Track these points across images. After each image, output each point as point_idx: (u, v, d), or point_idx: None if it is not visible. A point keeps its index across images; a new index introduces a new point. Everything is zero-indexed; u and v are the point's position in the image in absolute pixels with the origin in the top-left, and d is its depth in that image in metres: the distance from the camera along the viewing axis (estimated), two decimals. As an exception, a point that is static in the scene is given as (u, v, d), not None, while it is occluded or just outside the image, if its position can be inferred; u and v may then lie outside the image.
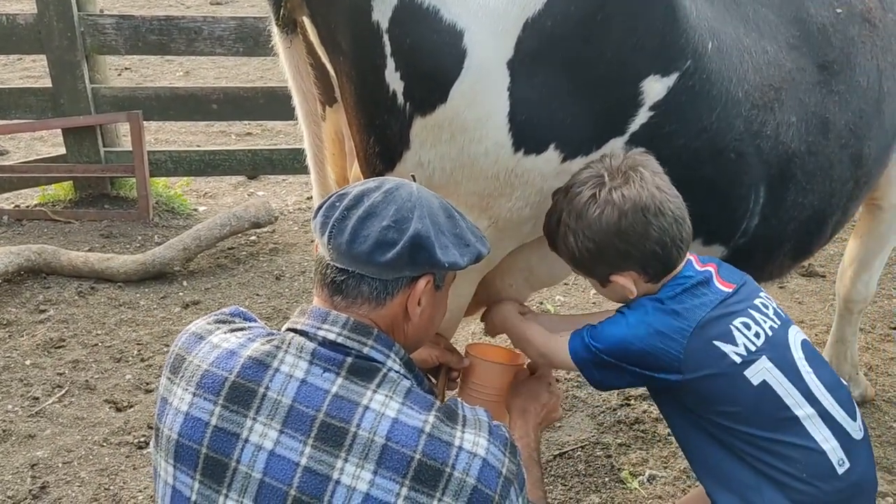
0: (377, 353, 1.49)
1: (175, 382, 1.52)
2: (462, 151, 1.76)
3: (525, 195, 1.87)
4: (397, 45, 1.64)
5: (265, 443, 1.42)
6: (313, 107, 1.97)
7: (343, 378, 1.45)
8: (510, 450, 1.48)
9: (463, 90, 1.68)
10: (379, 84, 1.68)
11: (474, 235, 1.59)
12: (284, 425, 1.43)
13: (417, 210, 1.50)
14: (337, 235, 1.49)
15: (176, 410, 1.49)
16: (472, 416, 1.50)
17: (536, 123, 1.77)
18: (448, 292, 1.67)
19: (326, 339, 1.48)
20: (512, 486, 1.45)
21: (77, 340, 3.84)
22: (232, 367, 1.47)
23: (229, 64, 8.45)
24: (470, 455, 1.41)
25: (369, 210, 1.49)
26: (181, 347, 1.56)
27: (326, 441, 1.41)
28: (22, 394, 3.45)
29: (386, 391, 1.45)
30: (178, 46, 4.94)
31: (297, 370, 1.46)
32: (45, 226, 4.95)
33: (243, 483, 1.42)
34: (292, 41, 1.83)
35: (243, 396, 1.45)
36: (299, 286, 4.38)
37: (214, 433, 1.44)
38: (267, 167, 5.34)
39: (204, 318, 1.63)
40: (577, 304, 4.23)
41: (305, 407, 1.43)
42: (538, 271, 2.25)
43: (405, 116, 1.71)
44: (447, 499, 1.39)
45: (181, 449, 1.46)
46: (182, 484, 1.46)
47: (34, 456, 3.09)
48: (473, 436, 1.44)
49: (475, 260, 1.57)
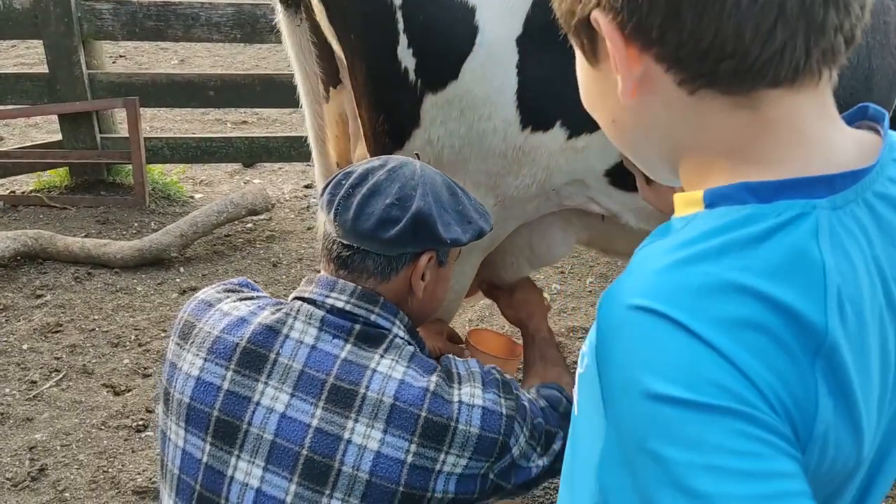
0: (383, 320, 1.53)
1: (185, 348, 1.55)
2: (471, 128, 1.76)
3: (532, 172, 1.88)
4: (410, 22, 1.64)
5: (276, 405, 1.46)
6: (316, 87, 1.97)
7: (351, 344, 1.50)
8: (504, 389, 1.55)
9: (474, 67, 1.68)
10: (391, 61, 1.68)
11: (477, 212, 1.63)
12: (296, 389, 1.46)
13: (420, 188, 1.53)
14: (342, 212, 1.53)
15: (187, 375, 1.51)
16: (465, 370, 1.56)
17: (544, 101, 1.77)
18: (451, 268, 1.71)
19: (335, 307, 1.52)
20: (514, 420, 1.51)
21: (74, 325, 3.83)
22: (243, 334, 1.51)
23: (225, 52, 8.43)
24: (469, 407, 1.47)
25: (373, 188, 1.52)
26: (190, 314, 1.59)
27: (337, 403, 1.45)
28: (19, 378, 3.44)
29: (392, 356, 1.50)
30: (174, 32, 4.92)
31: (307, 336, 1.50)
32: (41, 212, 4.93)
33: (255, 444, 1.46)
34: (298, 19, 1.82)
35: (255, 361, 1.48)
36: (296, 273, 4.37)
37: (227, 397, 1.48)
38: (263, 155, 5.33)
39: (212, 286, 1.66)
40: (573, 293, 4.25)
41: (316, 371, 1.47)
42: (539, 249, 2.27)
43: (416, 93, 1.71)
44: (454, 450, 1.45)
45: (193, 412, 1.49)
46: (193, 446, 1.49)
47: (32, 439, 3.09)
48: (470, 388, 1.50)
49: (477, 236, 1.60)
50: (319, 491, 1.43)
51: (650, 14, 0.75)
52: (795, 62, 0.75)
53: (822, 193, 0.77)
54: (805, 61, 0.75)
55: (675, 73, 0.78)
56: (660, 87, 0.80)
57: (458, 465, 1.45)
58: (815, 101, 0.80)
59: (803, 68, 0.76)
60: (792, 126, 0.79)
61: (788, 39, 0.73)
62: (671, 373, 0.70)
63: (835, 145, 0.80)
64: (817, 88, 0.79)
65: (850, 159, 0.80)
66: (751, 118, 0.79)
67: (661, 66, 0.78)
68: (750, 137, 0.79)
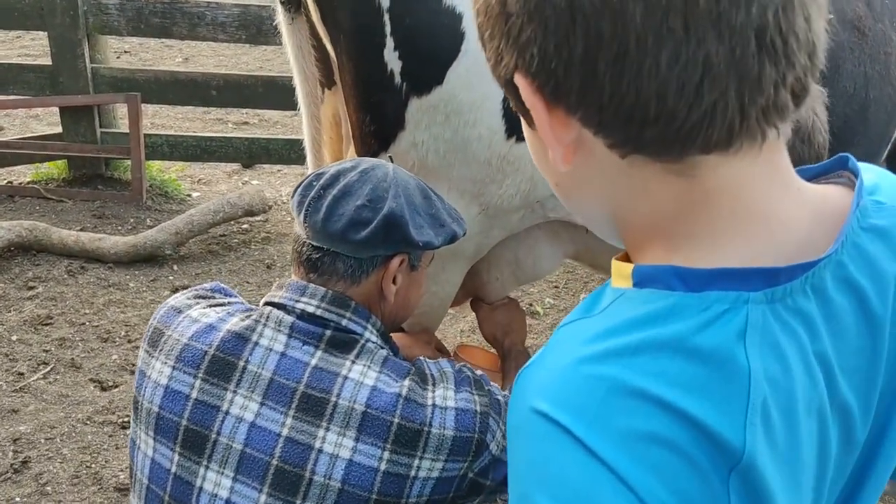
0: (355, 324, 1.51)
1: (153, 356, 1.53)
2: (456, 134, 1.76)
3: (516, 182, 1.88)
4: (397, 24, 1.64)
5: (246, 414, 1.44)
6: (313, 88, 1.98)
7: (322, 350, 1.47)
8: (476, 386, 1.52)
9: (459, 72, 1.68)
10: (377, 62, 1.68)
11: (451, 216, 1.60)
12: (265, 398, 1.44)
13: (392, 189, 1.51)
14: (312, 214, 1.51)
15: (155, 384, 1.49)
16: (437, 371, 1.53)
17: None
18: (424, 273, 1.68)
19: (305, 312, 1.49)
20: (489, 416, 1.48)
21: (64, 318, 3.83)
22: (211, 342, 1.48)
23: (229, 52, 8.46)
24: (442, 410, 1.45)
25: (344, 189, 1.50)
26: (159, 321, 1.57)
27: (307, 411, 1.42)
28: (7, 368, 3.44)
29: (364, 361, 1.47)
30: (180, 30, 4.94)
31: (277, 343, 1.47)
32: (38, 203, 4.94)
33: (224, 454, 1.43)
34: (294, 19, 1.83)
35: (223, 370, 1.46)
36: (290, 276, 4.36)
37: (195, 406, 1.45)
38: (263, 156, 5.34)
39: (183, 293, 1.64)
40: (566, 307, 4.24)
41: (286, 380, 1.44)
42: (525, 264, 2.26)
43: (402, 96, 1.71)
44: (429, 454, 1.42)
45: (161, 421, 1.47)
46: (161, 456, 1.47)
47: (17, 430, 3.09)
48: (443, 390, 1.48)
49: (450, 240, 1.58)
50: (290, 501, 1.40)
51: (567, 77, 0.68)
52: (729, 124, 0.66)
53: (758, 285, 0.70)
54: (741, 122, 0.67)
55: (604, 137, 0.71)
56: (593, 150, 0.73)
57: (434, 469, 1.43)
58: (761, 166, 0.71)
59: (739, 130, 0.67)
60: (732, 196, 0.71)
61: (718, 99, 0.65)
62: (564, 496, 0.66)
63: (784, 219, 0.73)
64: (762, 151, 0.70)
65: (801, 236, 0.73)
66: (687, 187, 0.71)
67: (588, 129, 0.71)
68: (686, 208, 0.72)
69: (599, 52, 0.66)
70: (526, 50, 0.69)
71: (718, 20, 0.63)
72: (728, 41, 0.64)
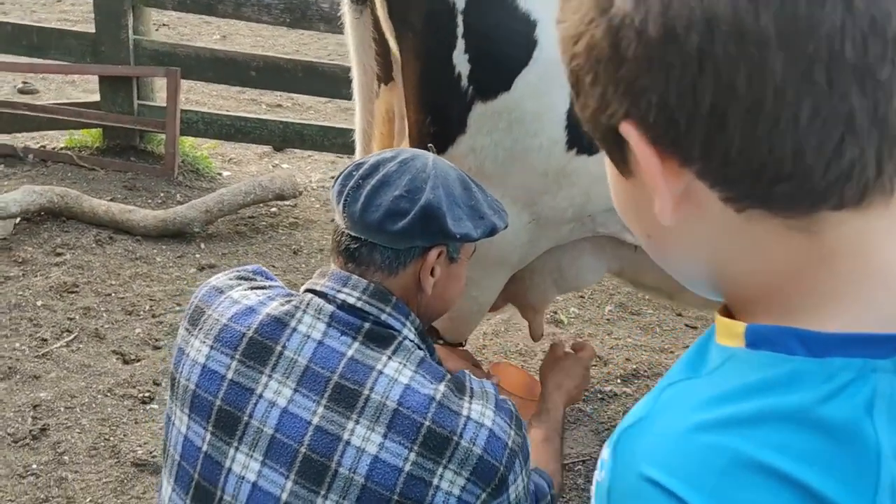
0: (394, 320, 1.50)
1: (193, 334, 1.53)
2: (517, 142, 1.74)
3: (570, 195, 1.86)
4: (470, 27, 1.63)
5: (279, 400, 1.44)
6: (371, 83, 1.97)
7: (359, 343, 1.46)
8: (516, 423, 1.50)
9: (528, 80, 1.67)
10: (445, 64, 1.67)
11: (491, 208, 1.58)
12: (299, 384, 1.44)
13: (431, 180, 1.50)
14: (351, 204, 1.50)
15: (193, 361, 1.50)
16: (479, 388, 1.51)
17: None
18: (464, 267, 1.66)
19: (346, 303, 1.49)
20: (517, 457, 1.46)
21: (90, 288, 3.83)
22: (250, 324, 1.49)
23: (267, 34, 8.44)
24: (477, 425, 1.42)
25: (383, 179, 1.50)
26: (201, 300, 1.57)
27: (339, 402, 1.42)
28: (31, 334, 3.45)
29: (400, 358, 1.46)
30: (225, 9, 4.93)
31: (315, 331, 1.47)
32: (69, 170, 4.94)
33: (255, 437, 1.44)
34: (362, 12, 1.82)
35: (260, 353, 1.46)
36: (316, 263, 4.36)
37: (230, 387, 1.46)
38: (296, 141, 5.33)
39: (225, 272, 1.64)
40: (591, 318, 4.21)
41: (321, 368, 1.44)
42: (567, 274, 2.25)
43: (466, 100, 1.70)
44: (452, 466, 1.40)
45: (197, 399, 1.48)
46: (194, 434, 1.48)
47: (37, 397, 3.09)
48: (481, 407, 1.45)
49: (490, 233, 1.56)
50: (315, 491, 1.40)
51: (690, 130, 0.64)
52: (865, 181, 0.64)
53: (885, 353, 0.65)
54: (876, 179, 0.64)
55: (721, 191, 0.67)
56: (702, 203, 0.69)
57: (455, 485, 1.41)
58: (887, 221, 0.67)
59: (874, 186, 0.64)
60: (856, 254, 0.67)
61: (858, 156, 0.62)
62: None
63: None
64: (889, 205, 0.67)
65: None
66: (807, 244, 0.67)
67: (704, 182, 0.67)
68: (805, 265, 0.68)
69: (730, 105, 0.62)
70: (641, 98, 0.65)
71: (864, 74, 0.60)
72: (872, 96, 0.61)
